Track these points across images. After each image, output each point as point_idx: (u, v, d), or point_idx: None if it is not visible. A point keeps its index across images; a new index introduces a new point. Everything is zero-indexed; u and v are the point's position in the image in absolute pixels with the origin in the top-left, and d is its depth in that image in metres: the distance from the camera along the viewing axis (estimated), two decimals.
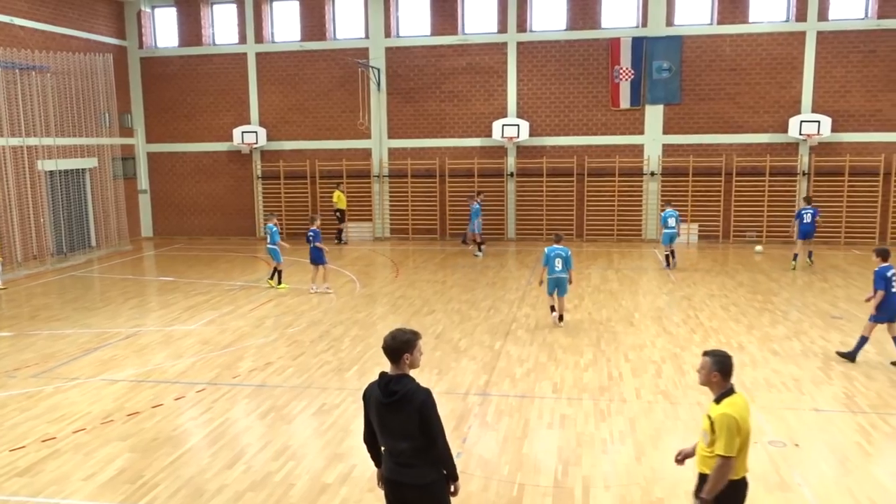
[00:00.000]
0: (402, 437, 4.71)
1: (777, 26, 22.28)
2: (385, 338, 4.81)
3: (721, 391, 4.95)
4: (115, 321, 13.98)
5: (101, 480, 7.29)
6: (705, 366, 4.98)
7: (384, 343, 4.79)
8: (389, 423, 4.75)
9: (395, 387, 4.71)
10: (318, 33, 24.69)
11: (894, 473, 7.20)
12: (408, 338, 4.78)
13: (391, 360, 4.79)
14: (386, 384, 4.74)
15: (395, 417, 4.71)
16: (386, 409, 4.72)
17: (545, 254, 12.94)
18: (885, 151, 21.88)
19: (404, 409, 4.67)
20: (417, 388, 4.75)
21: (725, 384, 4.94)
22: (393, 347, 4.75)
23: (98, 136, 23.03)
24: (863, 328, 10.84)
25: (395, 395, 4.68)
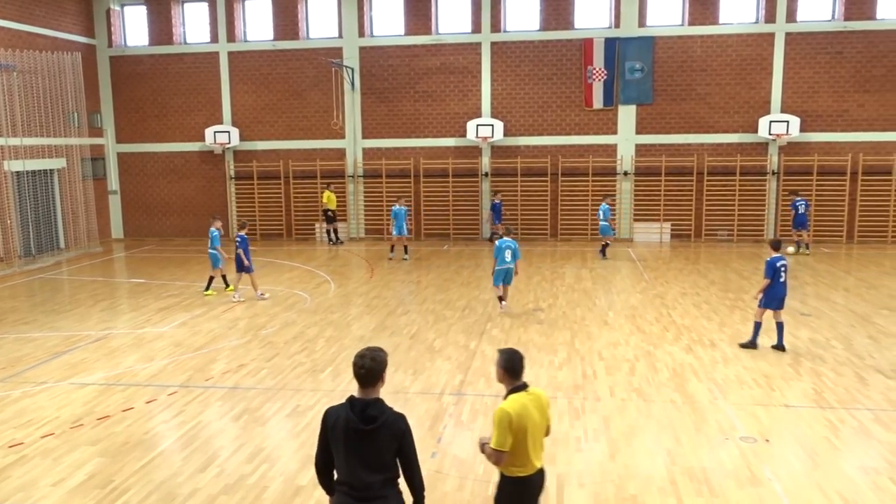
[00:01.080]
0: (375, 467, 4.35)
1: (746, 27, 22.60)
2: (361, 360, 4.37)
3: (510, 388, 4.93)
4: (84, 324, 13.76)
5: (70, 486, 7.17)
6: (496, 363, 5.04)
7: (361, 365, 4.35)
8: (363, 452, 4.33)
9: (374, 412, 4.32)
10: (290, 32, 24.54)
11: (862, 467, 7.34)
12: (384, 357, 4.46)
13: (368, 383, 4.38)
14: (363, 410, 4.32)
15: (369, 447, 4.32)
16: (360, 438, 4.31)
17: (496, 246, 13.86)
18: (851, 151, 22.30)
19: (382, 437, 4.31)
20: (395, 413, 4.43)
21: (513, 381, 4.93)
22: (374, 370, 4.36)
23: (67, 136, 22.65)
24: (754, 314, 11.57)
25: (376, 421, 4.30)
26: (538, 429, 4.93)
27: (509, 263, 13.70)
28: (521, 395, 4.88)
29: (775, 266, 11.07)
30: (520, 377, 4.95)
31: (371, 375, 4.37)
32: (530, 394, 4.92)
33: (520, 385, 4.93)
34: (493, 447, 4.84)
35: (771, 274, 11.07)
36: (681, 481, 7.05)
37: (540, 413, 4.94)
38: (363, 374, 4.37)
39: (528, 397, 4.90)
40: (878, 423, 8.44)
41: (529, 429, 4.83)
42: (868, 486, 6.91)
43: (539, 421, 4.92)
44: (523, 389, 4.91)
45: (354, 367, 4.40)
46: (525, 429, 4.81)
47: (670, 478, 7.13)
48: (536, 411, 4.90)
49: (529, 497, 5.01)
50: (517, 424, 4.78)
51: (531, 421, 4.84)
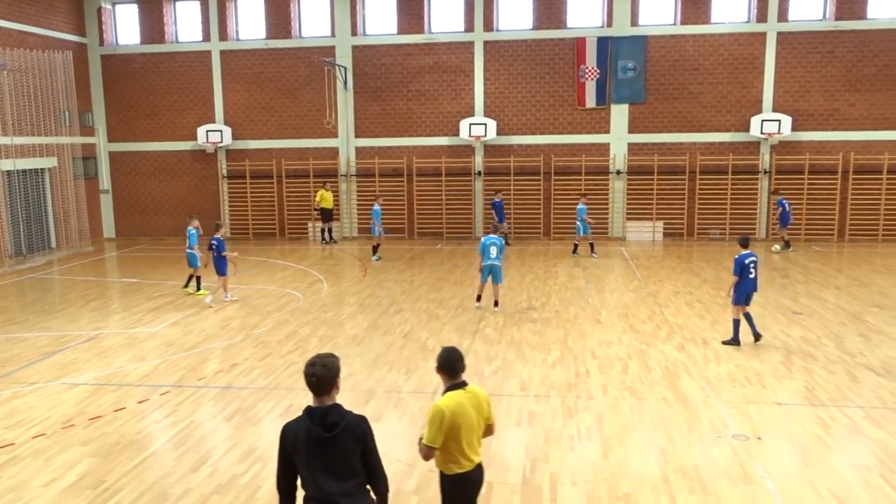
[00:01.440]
0: (344, 474, 4.27)
1: (738, 27, 22.67)
2: (312, 368, 4.28)
3: (447, 386, 5.01)
4: (75, 324, 13.70)
5: (61, 486, 7.13)
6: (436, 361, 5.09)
7: (312, 374, 4.27)
8: (329, 461, 4.25)
9: (334, 418, 4.25)
10: (283, 31, 24.48)
11: (853, 464, 7.37)
12: (336, 363, 4.37)
13: (322, 391, 4.30)
14: (322, 417, 4.25)
15: (335, 454, 4.25)
16: (325, 446, 4.23)
17: (482, 242, 13.93)
18: (842, 150, 22.40)
19: (346, 441, 4.26)
20: (355, 416, 4.37)
21: (450, 379, 4.99)
22: (326, 377, 4.27)
23: (58, 135, 22.54)
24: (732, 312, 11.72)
25: (337, 427, 4.23)
26: (474, 426, 4.98)
27: (494, 260, 13.74)
28: (457, 393, 4.94)
29: (743, 263, 11.31)
30: (457, 376, 5.00)
31: (324, 383, 4.29)
32: (468, 392, 4.98)
33: (458, 383, 4.99)
34: (424, 443, 4.92)
35: (739, 271, 11.31)
36: (673, 479, 7.07)
37: (477, 411, 4.99)
38: (315, 383, 4.29)
39: (466, 395, 4.96)
40: (870, 420, 8.49)
41: (464, 426, 4.89)
42: (859, 484, 6.95)
43: (475, 419, 4.98)
44: (461, 387, 4.97)
45: (306, 377, 4.31)
46: (459, 426, 4.87)
47: (663, 476, 7.14)
48: (473, 409, 4.96)
49: (468, 493, 5.09)
50: (450, 422, 4.84)
51: (466, 418, 4.90)
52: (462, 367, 5.02)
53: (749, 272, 11.32)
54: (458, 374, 5.01)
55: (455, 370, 4.99)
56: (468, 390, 4.99)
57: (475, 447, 5.03)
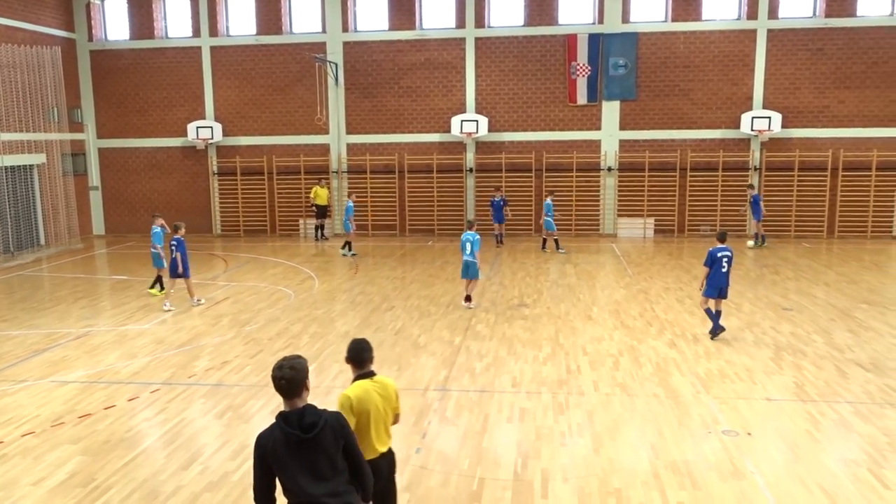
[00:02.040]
0: (330, 474, 4.25)
1: (729, 24, 22.73)
2: (280, 371, 4.23)
3: (355, 375, 5.19)
4: (65, 321, 13.62)
5: (50, 485, 7.10)
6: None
7: (282, 376, 4.21)
8: (313, 462, 4.21)
9: (311, 418, 4.21)
10: (274, 27, 24.38)
11: (842, 459, 7.42)
12: (304, 364, 4.32)
13: (293, 393, 4.23)
14: (299, 419, 4.20)
15: (318, 454, 4.22)
16: (306, 448, 4.19)
17: (461, 240, 14.13)
18: (832, 147, 22.52)
19: (326, 439, 4.23)
20: (331, 413, 4.35)
21: (358, 369, 5.18)
22: (295, 379, 4.22)
23: (46, 131, 22.39)
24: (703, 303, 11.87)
25: (316, 427, 4.19)
26: (380, 415, 5.13)
27: (468, 257, 13.83)
28: (364, 382, 5.12)
29: (715, 256, 11.49)
30: (365, 366, 5.19)
31: (293, 385, 4.24)
32: (375, 381, 5.16)
33: (365, 373, 5.18)
34: None
35: (710, 262, 11.49)
36: (664, 475, 7.10)
37: (384, 400, 5.15)
38: (284, 386, 4.23)
39: (373, 384, 5.14)
40: (858, 415, 8.55)
41: (371, 414, 5.05)
42: (848, 478, 6.99)
43: (382, 407, 5.13)
44: (369, 377, 5.15)
45: (274, 381, 4.26)
46: (366, 413, 5.04)
47: (654, 471, 7.17)
48: (380, 398, 5.12)
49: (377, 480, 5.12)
50: (357, 409, 5.01)
51: (373, 406, 5.06)
52: (369, 358, 5.20)
53: (721, 266, 11.46)
54: (366, 364, 5.19)
55: (362, 360, 5.18)
56: (376, 380, 5.16)
57: (382, 436, 5.18)
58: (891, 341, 11.56)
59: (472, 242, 13.85)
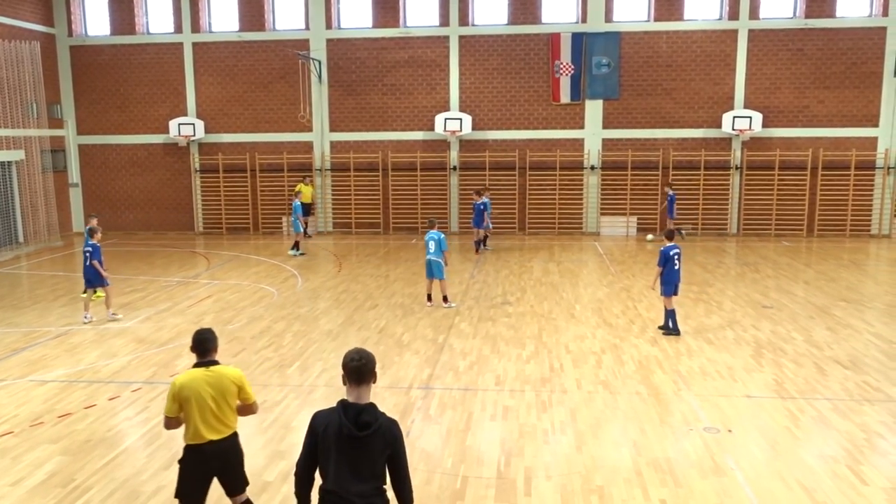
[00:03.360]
0: (367, 475, 4.22)
1: (710, 24, 22.90)
2: (352, 357, 4.22)
3: (195, 362, 5.46)
4: (44, 319, 13.47)
5: (30, 485, 7.02)
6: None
7: (353, 362, 4.20)
8: (355, 460, 4.20)
9: (368, 418, 4.17)
10: (257, 23, 24.23)
11: (821, 455, 7.51)
12: (373, 357, 4.29)
13: (361, 380, 4.21)
14: (357, 415, 4.17)
15: (362, 453, 4.19)
16: (354, 445, 4.18)
17: (425, 238, 14.14)
18: (812, 146, 22.77)
19: (376, 443, 4.19)
20: (388, 419, 4.29)
21: (199, 357, 5.45)
22: (366, 368, 4.21)
23: (25, 127, 22.12)
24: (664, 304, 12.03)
25: (370, 427, 4.15)
26: (206, 402, 5.33)
27: (431, 255, 13.77)
28: (197, 371, 5.39)
29: (668, 255, 11.69)
30: (206, 355, 5.44)
31: (363, 373, 4.22)
32: (210, 371, 5.39)
33: (203, 362, 5.42)
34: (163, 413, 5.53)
35: (664, 262, 11.68)
36: (646, 472, 7.15)
37: (216, 390, 5.35)
38: (356, 371, 4.21)
39: (206, 373, 5.38)
40: (836, 412, 8.66)
41: (194, 400, 5.31)
42: (827, 474, 7.08)
43: (211, 395, 5.33)
44: (204, 366, 5.40)
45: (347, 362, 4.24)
46: (189, 399, 5.31)
47: (636, 469, 7.22)
48: (209, 387, 5.34)
49: (200, 465, 5.47)
50: (181, 395, 5.32)
51: (197, 393, 5.31)
52: (212, 348, 5.44)
53: (674, 263, 11.68)
54: (207, 353, 5.44)
55: (204, 350, 5.43)
56: (212, 370, 5.39)
57: (211, 423, 5.37)
58: (868, 339, 11.72)
59: (437, 241, 13.81)
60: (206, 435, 5.37)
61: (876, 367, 10.28)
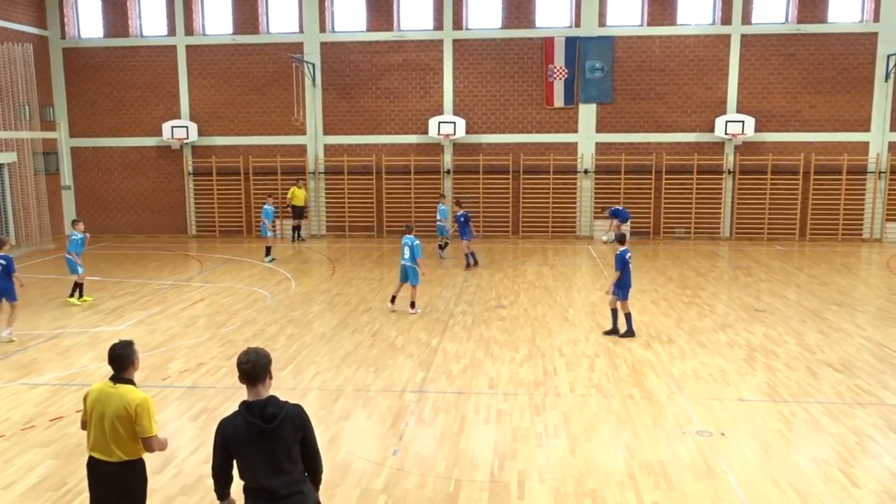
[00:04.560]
0: (285, 465, 4.34)
1: (703, 29, 23.01)
2: (247, 356, 4.39)
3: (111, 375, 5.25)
4: (36, 323, 13.41)
5: (21, 489, 6.98)
6: None
7: (247, 360, 4.36)
8: (271, 452, 4.31)
9: (272, 409, 4.32)
10: (250, 26, 24.22)
11: (813, 458, 7.54)
12: (266, 353, 4.47)
13: (255, 379, 4.38)
14: (261, 409, 4.32)
15: (276, 445, 4.32)
16: (265, 438, 4.29)
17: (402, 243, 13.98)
18: (804, 151, 22.88)
19: (286, 431, 4.33)
20: (292, 405, 4.45)
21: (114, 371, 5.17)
22: (260, 363, 4.37)
23: (17, 129, 22.03)
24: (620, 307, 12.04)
25: (276, 418, 4.30)
26: (101, 419, 5.06)
27: (405, 261, 13.68)
28: (107, 384, 5.11)
29: (625, 258, 11.75)
30: (121, 371, 5.13)
31: (258, 369, 4.37)
32: (114, 388, 5.08)
33: (116, 376, 5.13)
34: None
35: (621, 266, 11.72)
36: (639, 475, 7.16)
37: (113, 410, 5.03)
38: (249, 369, 4.35)
39: (112, 389, 5.08)
40: (829, 415, 8.69)
41: (92, 415, 5.10)
42: (819, 477, 7.11)
43: (108, 413, 5.04)
44: (116, 381, 5.10)
45: (239, 365, 4.40)
46: (89, 412, 5.13)
47: (629, 472, 7.24)
48: (105, 404, 5.06)
49: (91, 481, 5.23)
50: (87, 402, 5.15)
51: (93, 406, 5.10)
52: (128, 364, 5.13)
53: (629, 267, 11.83)
54: (123, 370, 5.13)
55: (118, 366, 5.13)
56: (117, 387, 5.08)
57: (98, 441, 5.10)
58: (860, 342, 11.77)
59: (412, 248, 13.69)
60: (93, 451, 5.14)
61: (867, 371, 10.33)
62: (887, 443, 7.93)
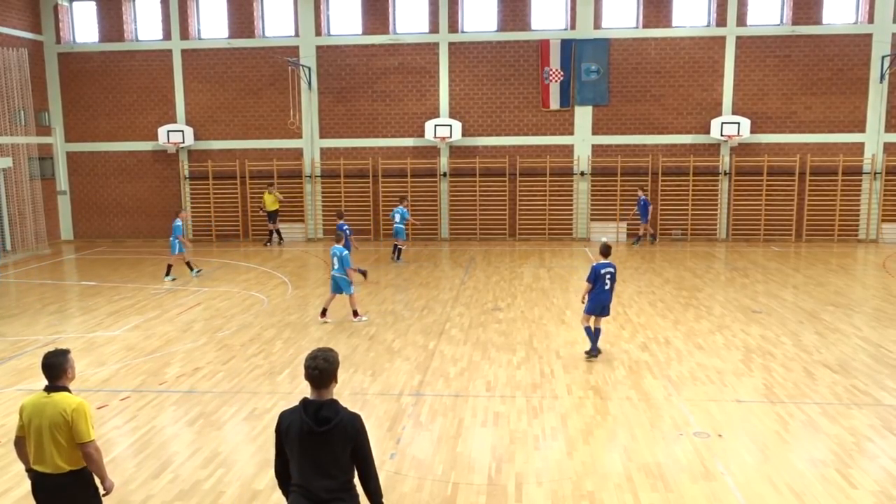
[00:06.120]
0: (331, 470, 4.32)
1: (699, 31, 23.06)
2: (314, 361, 4.33)
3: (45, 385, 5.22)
4: (32, 328, 13.37)
5: (17, 496, 6.96)
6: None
7: (314, 367, 4.30)
8: (317, 455, 4.30)
9: (328, 413, 4.28)
10: (246, 30, 24.22)
11: (810, 459, 7.54)
12: (336, 357, 4.41)
13: (322, 384, 4.34)
14: (316, 411, 4.28)
15: (324, 449, 4.29)
16: (315, 441, 4.28)
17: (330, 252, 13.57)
18: (799, 152, 22.93)
19: (336, 438, 4.28)
20: (350, 414, 4.38)
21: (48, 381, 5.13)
22: (327, 371, 4.31)
23: (13, 134, 21.99)
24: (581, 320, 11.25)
25: (329, 422, 4.25)
26: (39, 431, 5.03)
27: (335, 272, 13.27)
28: (41, 395, 5.10)
29: (599, 272, 10.68)
30: (53, 380, 5.10)
31: (324, 376, 4.33)
32: (48, 397, 5.07)
33: (50, 386, 5.10)
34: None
35: (593, 278, 10.68)
36: (637, 477, 7.16)
37: (45, 419, 5.02)
38: (316, 376, 4.33)
39: (46, 399, 5.07)
40: (826, 416, 8.70)
41: (30, 428, 5.07)
42: (816, 478, 7.11)
43: (40, 424, 5.03)
44: (50, 391, 5.09)
45: (307, 370, 4.37)
46: (27, 425, 5.09)
47: (626, 474, 7.23)
48: (41, 415, 5.03)
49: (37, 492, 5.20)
50: (24, 416, 5.11)
51: (30, 418, 5.07)
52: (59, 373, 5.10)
53: (604, 283, 10.68)
54: (56, 378, 5.11)
55: (51, 375, 5.10)
56: (50, 396, 5.07)
57: (37, 453, 5.08)
58: (857, 343, 11.79)
59: (341, 258, 13.22)
60: (33, 464, 5.11)
61: (864, 371, 10.34)
62: (884, 443, 7.93)
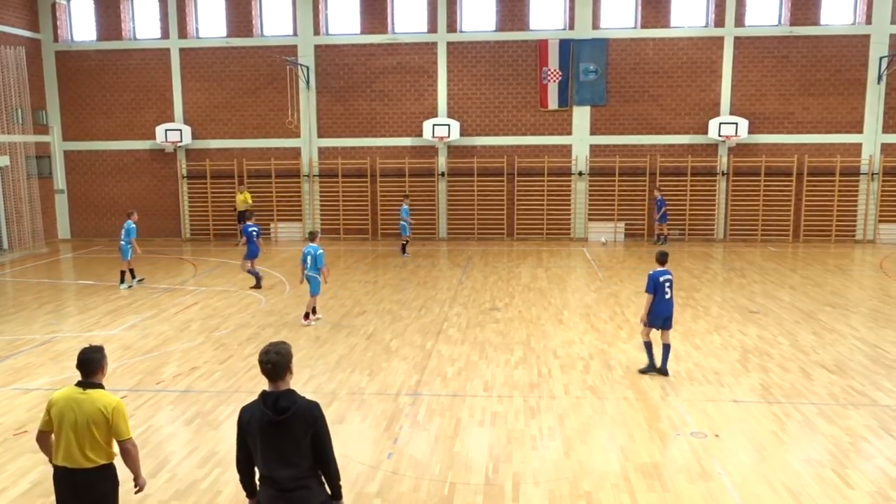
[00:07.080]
0: (293, 458, 4.42)
1: (697, 31, 23.08)
2: (266, 355, 4.45)
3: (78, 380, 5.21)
4: (29, 327, 13.35)
5: (13, 495, 6.94)
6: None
7: (268, 360, 4.43)
8: (278, 444, 4.41)
9: (285, 402, 4.41)
10: (244, 29, 24.19)
11: (807, 459, 7.55)
12: (288, 349, 4.53)
13: (276, 376, 4.46)
14: (275, 401, 4.41)
15: (285, 438, 4.40)
16: (276, 430, 4.39)
17: (302, 252, 13.31)
18: (797, 152, 22.96)
19: (296, 426, 4.40)
20: (307, 401, 4.50)
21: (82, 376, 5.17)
22: (279, 364, 4.44)
23: (10, 133, 21.94)
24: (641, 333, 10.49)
25: (287, 411, 4.38)
26: (74, 426, 5.03)
27: (307, 271, 13.02)
28: (72, 389, 5.12)
29: (657, 280, 9.96)
30: (89, 376, 5.14)
31: (277, 369, 4.45)
32: (84, 394, 5.09)
33: (85, 382, 5.13)
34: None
35: (652, 288, 9.97)
36: (634, 477, 7.16)
37: (81, 415, 5.03)
38: (270, 369, 4.44)
39: (79, 395, 5.08)
40: (822, 416, 8.71)
41: (58, 420, 5.05)
42: (813, 479, 7.12)
43: (75, 420, 5.02)
44: (83, 387, 5.11)
45: (260, 364, 4.48)
46: (57, 421, 5.05)
47: (623, 474, 7.23)
48: (76, 411, 5.03)
49: (59, 492, 5.16)
50: (52, 410, 5.08)
51: (62, 413, 5.04)
52: (96, 369, 5.15)
53: (664, 292, 9.95)
54: (92, 374, 5.15)
55: (87, 371, 5.14)
56: (87, 392, 5.09)
57: (66, 449, 5.06)
58: (853, 343, 11.81)
59: (315, 257, 12.95)
60: (59, 460, 5.10)
61: (861, 372, 10.36)
62: (881, 443, 7.94)
